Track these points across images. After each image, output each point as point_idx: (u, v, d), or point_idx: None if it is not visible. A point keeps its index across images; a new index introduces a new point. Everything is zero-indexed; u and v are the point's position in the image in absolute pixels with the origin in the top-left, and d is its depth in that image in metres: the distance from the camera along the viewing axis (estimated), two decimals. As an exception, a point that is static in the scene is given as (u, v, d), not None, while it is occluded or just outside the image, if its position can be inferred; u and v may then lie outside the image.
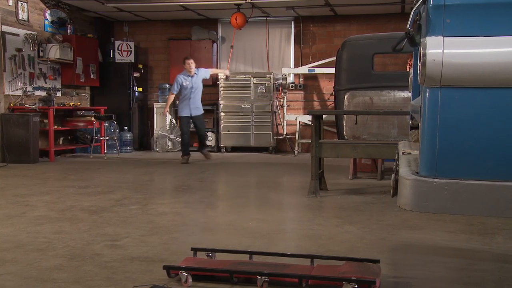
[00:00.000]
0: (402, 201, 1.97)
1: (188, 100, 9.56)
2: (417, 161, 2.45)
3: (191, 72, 9.48)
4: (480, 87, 1.83)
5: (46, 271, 3.27)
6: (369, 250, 3.77)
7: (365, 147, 6.10)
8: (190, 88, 9.51)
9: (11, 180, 7.41)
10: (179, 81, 9.50)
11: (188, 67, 9.47)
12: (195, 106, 9.62)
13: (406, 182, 1.96)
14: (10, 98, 9.50)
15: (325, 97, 11.80)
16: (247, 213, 5.39)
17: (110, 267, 3.34)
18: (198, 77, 9.61)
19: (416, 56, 3.52)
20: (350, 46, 7.71)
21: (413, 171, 2.04)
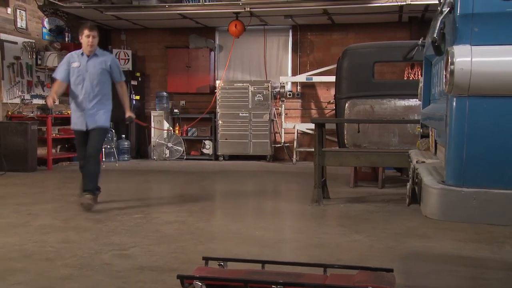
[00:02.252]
0: (429, 210, 1.97)
1: (78, 100, 5.70)
2: (437, 169, 2.46)
3: (88, 50, 5.69)
4: (509, 96, 1.84)
5: (57, 281, 3.23)
6: (379, 259, 3.77)
7: (368, 156, 6.11)
8: (80, 75, 5.67)
9: (11, 189, 7.35)
10: (65, 60, 5.83)
11: (85, 42, 5.66)
12: (91, 111, 5.70)
13: (433, 191, 1.95)
14: (8, 106, 9.45)
15: (323, 105, 11.81)
16: (252, 221, 5.38)
17: (121, 276, 3.31)
18: (99, 61, 5.74)
19: (426, 65, 3.54)
20: (351, 55, 7.73)
21: (438, 179, 2.04)
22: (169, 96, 12.13)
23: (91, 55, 5.74)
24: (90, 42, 5.65)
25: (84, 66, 5.68)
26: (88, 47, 5.67)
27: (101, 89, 5.78)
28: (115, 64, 5.92)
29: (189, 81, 12.00)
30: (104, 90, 5.83)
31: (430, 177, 2.11)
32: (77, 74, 5.68)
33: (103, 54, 5.92)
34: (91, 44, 5.66)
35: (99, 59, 5.77)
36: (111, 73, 5.83)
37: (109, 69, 5.80)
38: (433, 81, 3.30)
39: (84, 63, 5.69)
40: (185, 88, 12.02)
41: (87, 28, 5.68)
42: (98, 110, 5.79)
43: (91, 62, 5.71)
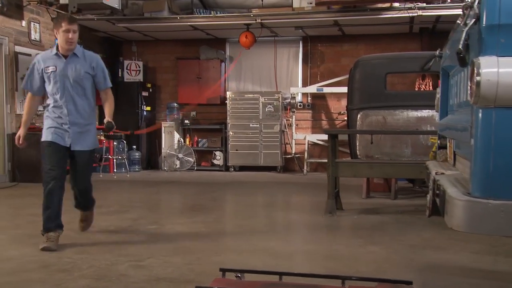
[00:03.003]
0: (455, 223, 1.95)
1: (59, 113, 4.48)
2: (460, 181, 2.45)
3: (66, 49, 4.41)
4: (536, 108, 1.83)
5: (75, 292, 3.24)
6: (397, 271, 3.74)
7: (381, 166, 6.10)
8: (57, 81, 4.43)
9: (25, 199, 7.39)
10: (35, 66, 4.52)
11: (63, 38, 4.37)
12: (77, 128, 4.51)
13: (459, 203, 1.94)
14: (21, 118, 9.47)
15: (334, 116, 11.81)
16: (266, 233, 5.36)
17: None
18: (80, 63, 4.48)
19: (444, 76, 3.53)
20: (363, 66, 7.73)
21: (463, 191, 2.03)
22: (180, 107, 12.16)
23: (70, 56, 4.44)
24: (70, 38, 4.32)
25: (61, 69, 4.41)
26: (67, 44, 4.34)
27: (86, 99, 4.55)
28: (100, 67, 4.61)
29: (200, 92, 12.05)
30: (90, 100, 4.60)
31: (454, 189, 2.10)
32: (54, 80, 4.41)
33: (85, 55, 4.55)
34: (70, 41, 4.34)
35: (80, 61, 4.47)
36: (94, 77, 4.57)
37: (93, 72, 4.54)
38: (451, 92, 3.29)
39: (61, 65, 4.41)
40: (196, 99, 12.06)
41: (65, 21, 4.35)
42: (85, 126, 4.55)
43: (71, 65, 4.43)
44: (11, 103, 9.29)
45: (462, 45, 1.92)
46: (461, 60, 1.95)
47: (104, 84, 4.70)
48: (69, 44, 4.37)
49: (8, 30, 9.17)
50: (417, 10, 9.22)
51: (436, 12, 9.43)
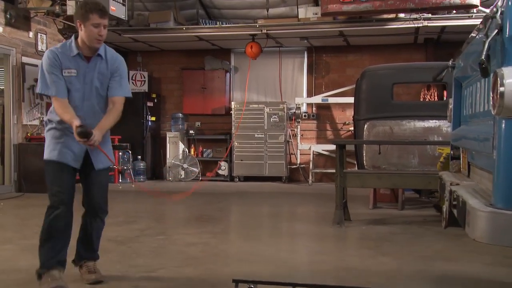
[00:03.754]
0: (477, 234, 1.94)
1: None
2: (478, 192, 2.44)
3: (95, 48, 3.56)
4: (560, 118, 1.82)
5: (88, 303, 3.22)
6: (410, 282, 3.73)
7: (389, 177, 6.09)
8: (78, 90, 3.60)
9: (31, 210, 7.37)
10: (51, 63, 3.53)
11: (91, 34, 3.47)
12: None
13: (482, 214, 1.93)
14: (27, 128, 9.53)
15: (339, 127, 11.81)
16: (275, 243, 5.34)
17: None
18: (104, 66, 3.63)
19: (457, 87, 3.53)
20: (370, 76, 7.74)
21: (485, 202, 2.02)
22: (185, 117, 12.18)
23: (93, 57, 3.56)
24: (101, 34, 3.48)
25: (84, 75, 3.53)
26: (95, 42, 3.47)
27: (103, 108, 3.68)
28: (120, 71, 3.66)
29: (205, 102, 12.06)
30: (105, 109, 3.69)
31: (476, 200, 2.09)
32: (74, 88, 3.54)
33: (108, 55, 3.64)
34: (100, 39, 3.49)
35: (103, 63, 3.59)
36: (111, 81, 3.63)
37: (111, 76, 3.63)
38: (465, 103, 3.29)
39: (83, 70, 3.53)
40: (201, 109, 12.07)
41: (96, 13, 3.43)
42: (104, 142, 3.66)
43: (95, 69, 3.56)
44: (17, 113, 9.31)
45: (484, 56, 1.92)
46: (483, 70, 1.95)
47: (117, 90, 3.65)
48: (98, 42, 3.48)
49: (16, 41, 9.22)
50: (422, 20, 9.23)
51: (441, 23, 9.45)
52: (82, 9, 3.50)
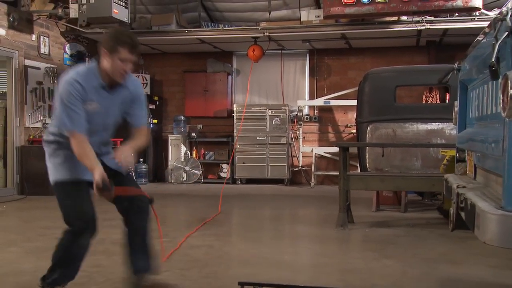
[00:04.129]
0: (488, 237, 1.94)
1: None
2: (487, 194, 2.43)
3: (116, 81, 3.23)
4: None
5: (94, 306, 3.22)
6: (415, 285, 3.73)
7: (393, 179, 6.09)
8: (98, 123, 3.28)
9: (34, 212, 7.38)
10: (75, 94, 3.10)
11: (117, 68, 3.13)
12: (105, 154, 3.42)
13: (492, 217, 1.93)
14: (30, 130, 9.54)
15: (341, 129, 11.82)
16: (278, 246, 5.34)
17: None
18: (124, 94, 3.34)
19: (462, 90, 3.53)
20: (373, 79, 7.74)
21: (496, 205, 2.01)
22: (187, 120, 12.19)
23: (117, 87, 3.29)
24: (127, 70, 3.17)
25: (105, 108, 3.25)
26: (119, 77, 3.18)
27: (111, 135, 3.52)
28: (142, 98, 3.46)
29: (207, 105, 12.07)
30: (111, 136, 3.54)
31: (486, 203, 2.09)
32: (95, 121, 3.22)
33: (131, 81, 3.37)
34: (125, 74, 3.20)
35: (125, 92, 3.33)
36: (130, 109, 3.38)
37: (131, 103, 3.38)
38: (471, 105, 3.29)
39: (105, 102, 3.25)
40: (203, 112, 12.09)
41: (126, 47, 3.09)
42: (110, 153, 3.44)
43: (117, 100, 3.32)
44: (20, 116, 9.32)
45: (494, 58, 1.92)
46: (493, 73, 1.95)
47: (143, 119, 3.45)
48: (121, 77, 3.19)
49: (18, 44, 9.23)
50: (424, 23, 9.25)
51: (443, 26, 9.47)
52: (112, 39, 3.12)
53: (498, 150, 2.10)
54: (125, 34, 3.19)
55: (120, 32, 3.22)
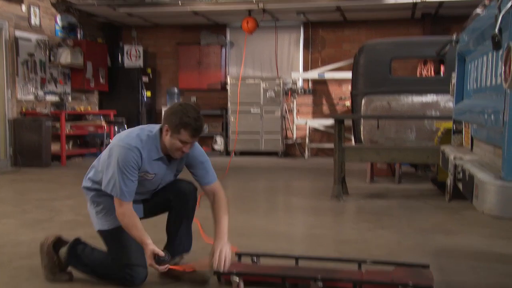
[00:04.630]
0: (487, 207, 1.95)
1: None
2: (486, 165, 2.45)
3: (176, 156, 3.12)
4: None
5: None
6: (410, 255, 3.76)
7: (388, 151, 6.11)
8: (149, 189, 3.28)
9: (29, 184, 7.37)
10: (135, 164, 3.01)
11: (175, 146, 3.03)
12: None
13: (492, 188, 1.94)
14: (22, 103, 9.45)
15: (335, 102, 11.81)
16: (275, 217, 5.39)
17: (153, 271, 3.30)
18: (181, 163, 3.29)
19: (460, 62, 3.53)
20: (368, 51, 7.71)
21: (495, 176, 2.03)
22: (180, 92, 12.13)
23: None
24: (185, 151, 3.07)
25: (161, 177, 3.20)
26: (176, 154, 3.08)
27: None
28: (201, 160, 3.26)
29: (200, 77, 12.01)
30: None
31: (484, 174, 2.11)
32: (147, 186, 3.22)
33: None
34: (183, 154, 3.11)
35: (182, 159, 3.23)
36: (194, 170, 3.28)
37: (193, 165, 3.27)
38: (469, 77, 3.29)
39: (162, 171, 3.18)
40: (196, 84, 12.03)
41: (188, 130, 2.96)
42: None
43: (173, 166, 3.26)
44: (12, 88, 9.23)
45: (497, 29, 1.91)
46: (496, 44, 1.94)
47: (212, 176, 3.30)
48: (178, 155, 3.10)
49: (8, 15, 9.09)
50: (420, -5, 9.19)
51: (439, -2, 9.40)
52: (176, 118, 2.96)
53: (498, 121, 2.10)
54: (191, 115, 2.96)
55: (185, 111, 2.97)
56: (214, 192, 3.26)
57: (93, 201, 3.23)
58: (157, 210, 3.38)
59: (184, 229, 3.34)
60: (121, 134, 3.12)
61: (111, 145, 3.07)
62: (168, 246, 3.32)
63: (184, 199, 3.27)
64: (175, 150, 3.04)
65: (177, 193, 3.27)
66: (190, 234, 3.40)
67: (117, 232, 3.08)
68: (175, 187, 3.29)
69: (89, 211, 3.30)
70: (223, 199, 3.27)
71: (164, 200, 3.30)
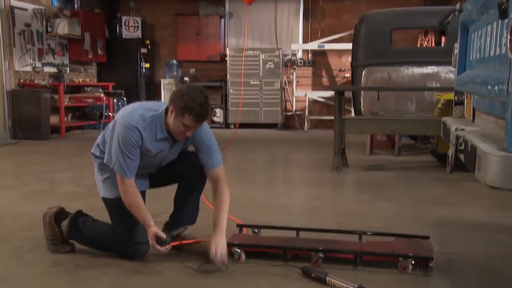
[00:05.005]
0: (490, 178, 1.95)
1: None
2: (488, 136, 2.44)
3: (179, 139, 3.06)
4: None
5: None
6: (410, 226, 3.78)
7: (388, 123, 6.09)
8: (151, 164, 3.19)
9: (28, 156, 7.37)
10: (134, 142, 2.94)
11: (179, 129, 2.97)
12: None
13: (495, 159, 1.93)
14: (20, 74, 9.39)
15: (334, 73, 11.74)
16: (275, 189, 5.40)
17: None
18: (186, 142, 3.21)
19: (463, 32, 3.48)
20: (368, 22, 7.63)
21: (498, 147, 2.02)
22: (179, 64, 12.05)
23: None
24: (188, 135, 3.01)
25: (164, 154, 3.15)
26: (179, 137, 3.02)
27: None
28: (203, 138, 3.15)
29: (199, 49, 11.90)
30: None
31: (487, 145, 2.09)
32: (150, 162, 3.14)
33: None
34: (185, 137, 3.04)
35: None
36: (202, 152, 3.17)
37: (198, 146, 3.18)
38: (472, 47, 3.25)
39: (166, 149, 3.12)
40: (195, 56, 11.93)
41: (192, 115, 2.88)
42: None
43: (178, 145, 3.19)
44: (9, 59, 9.15)
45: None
46: (503, 12, 1.91)
47: (213, 159, 3.18)
48: (181, 138, 3.05)
49: (3, -16, 8.96)
50: (422, -36, 9.05)
51: (441, -33, 9.26)
52: (182, 101, 2.87)
53: (501, 92, 2.08)
54: (197, 100, 2.85)
55: (192, 95, 2.86)
56: (217, 179, 3.19)
57: (100, 167, 3.17)
58: (166, 181, 3.35)
59: (193, 201, 3.31)
60: (126, 109, 3.03)
61: (116, 119, 3.03)
62: (174, 216, 3.33)
63: (198, 172, 3.20)
64: (178, 134, 2.99)
65: (191, 165, 3.21)
66: (197, 207, 3.37)
67: (121, 203, 3.05)
68: (189, 160, 3.22)
69: (96, 177, 3.27)
70: (226, 190, 3.19)
71: (176, 173, 3.25)
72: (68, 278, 2.83)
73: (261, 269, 2.93)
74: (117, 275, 2.86)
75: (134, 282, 2.77)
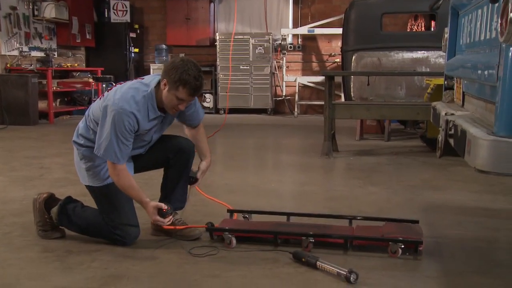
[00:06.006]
0: (479, 162, 1.96)
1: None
2: (478, 120, 2.45)
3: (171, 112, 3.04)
4: None
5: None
6: (399, 211, 3.80)
7: (378, 108, 6.10)
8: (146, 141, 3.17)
9: (17, 142, 7.31)
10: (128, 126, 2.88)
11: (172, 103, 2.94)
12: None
13: (484, 143, 1.94)
14: (6, 58, 9.29)
15: (324, 58, 11.72)
16: (265, 174, 5.40)
17: (147, 228, 3.32)
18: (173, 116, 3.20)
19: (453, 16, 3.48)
20: (358, 6, 7.61)
21: (487, 131, 2.03)
22: (169, 48, 11.96)
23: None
24: (181, 108, 2.99)
25: (156, 128, 3.13)
26: (171, 110, 3.00)
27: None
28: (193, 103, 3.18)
29: (189, 33, 11.82)
30: None
31: (477, 129, 2.10)
32: (143, 140, 3.13)
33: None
34: (178, 111, 3.02)
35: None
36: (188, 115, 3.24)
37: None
38: (462, 32, 3.25)
39: (158, 124, 3.11)
40: (185, 40, 11.85)
41: (187, 89, 2.86)
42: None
43: (167, 120, 3.18)
44: (-5, 43, 9.05)
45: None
46: (493, -3, 1.91)
47: (200, 116, 3.32)
48: (173, 112, 3.03)
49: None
50: None
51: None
52: (176, 74, 2.84)
53: (491, 76, 2.09)
54: (191, 73, 2.84)
55: (186, 68, 2.84)
56: (199, 130, 3.35)
57: (84, 156, 3.12)
58: (152, 166, 3.35)
59: (181, 186, 3.32)
60: (115, 93, 2.94)
61: (105, 103, 2.91)
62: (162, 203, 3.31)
63: (185, 157, 3.24)
64: (171, 107, 2.96)
65: (178, 151, 3.23)
66: (185, 192, 3.36)
67: (108, 190, 3.05)
68: (175, 145, 3.24)
69: (77, 165, 3.24)
70: (204, 135, 3.37)
71: (162, 158, 3.26)
72: (58, 264, 2.83)
73: (252, 254, 2.94)
74: (108, 261, 2.85)
75: (124, 267, 2.77)
